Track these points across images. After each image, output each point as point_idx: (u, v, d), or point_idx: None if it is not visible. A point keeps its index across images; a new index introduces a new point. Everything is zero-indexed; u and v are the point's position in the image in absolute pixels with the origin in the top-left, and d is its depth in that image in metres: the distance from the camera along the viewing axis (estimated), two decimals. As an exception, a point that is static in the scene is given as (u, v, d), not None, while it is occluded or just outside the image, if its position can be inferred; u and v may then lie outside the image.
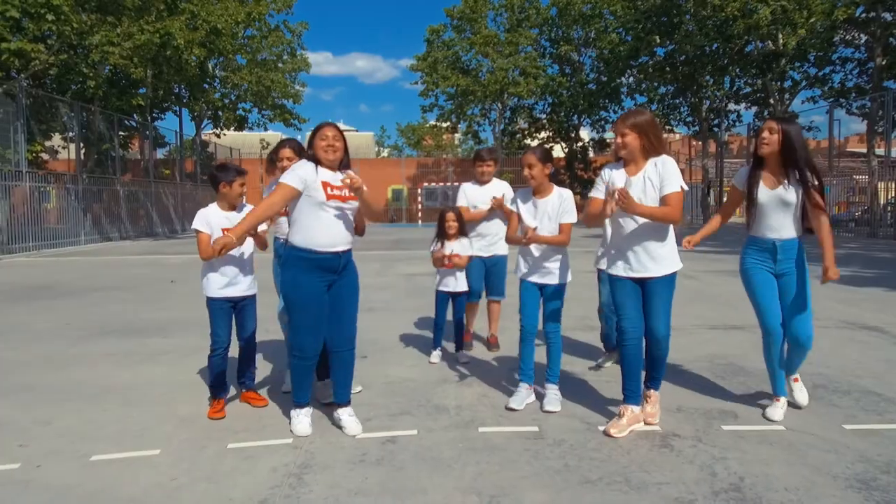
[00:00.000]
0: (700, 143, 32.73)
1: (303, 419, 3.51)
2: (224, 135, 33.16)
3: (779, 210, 3.54)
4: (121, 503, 2.73)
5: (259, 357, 4.55)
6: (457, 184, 35.25)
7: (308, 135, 3.58)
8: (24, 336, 6.21)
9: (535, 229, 3.75)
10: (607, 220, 3.57)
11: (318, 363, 3.94)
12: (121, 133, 24.02)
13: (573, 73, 36.44)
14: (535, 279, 3.87)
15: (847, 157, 31.08)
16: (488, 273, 5.25)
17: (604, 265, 4.51)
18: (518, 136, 38.08)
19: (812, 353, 5.10)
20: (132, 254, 16.61)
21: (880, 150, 21.86)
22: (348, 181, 3.34)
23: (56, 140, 23.04)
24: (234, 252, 3.70)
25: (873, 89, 21.73)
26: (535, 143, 38.73)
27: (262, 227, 3.75)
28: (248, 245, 3.88)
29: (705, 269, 11.10)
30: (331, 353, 3.57)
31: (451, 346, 5.17)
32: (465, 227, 4.93)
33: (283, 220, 3.99)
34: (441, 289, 4.97)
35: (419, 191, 36.90)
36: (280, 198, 3.34)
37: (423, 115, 38.55)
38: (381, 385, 4.41)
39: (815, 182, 3.49)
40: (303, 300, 3.39)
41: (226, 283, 3.82)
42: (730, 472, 2.93)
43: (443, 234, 4.87)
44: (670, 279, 3.48)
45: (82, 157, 21.61)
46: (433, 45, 36.09)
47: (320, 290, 3.41)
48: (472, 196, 5.18)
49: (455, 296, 4.96)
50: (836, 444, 3.26)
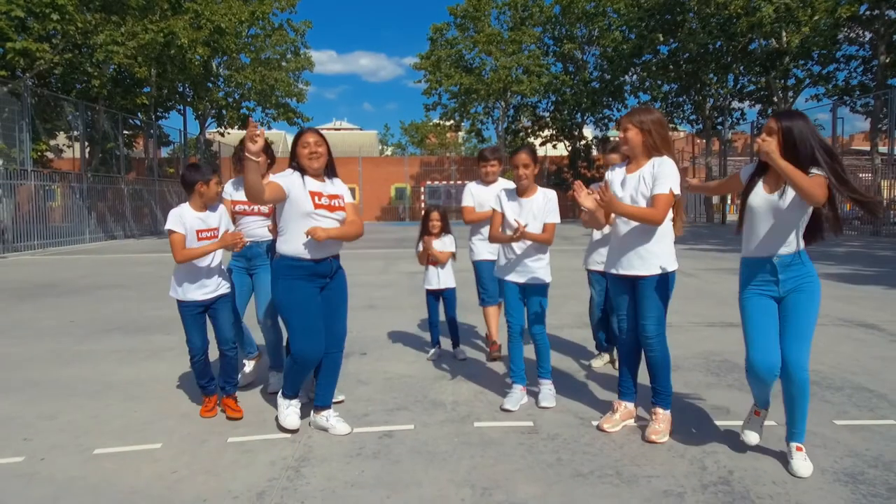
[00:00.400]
0: (703, 141, 32.69)
1: (291, 411, 3.48)
2: (228, 133, 33.29)
3: (773, 219, 2.99)
4: (123, 495, 2.79)
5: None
6: (460, 182, 35.36)
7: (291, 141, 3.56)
8: (30, 333, 6.30)
9: (526, 226, 3.75)
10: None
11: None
12: (125, 132, 24.15)
13: (576, 71, 36.40)
14: (516, 279, 3.88)
15: (852, 156, 31.01)
16: None
17: (592, 265, 4.56)
18: (521, 134, 38.04)
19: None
20: (136, 252, 16.70)
21: (884, 148, 21.81)
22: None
23: (61, 139, 23.18)
24: (205, 258, 3.69)
25: (877, 87, 21.69)
26: (538, 141, 38.71)
27: (231, 228, 3.86)
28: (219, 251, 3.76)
29: (706, 268, 11.12)
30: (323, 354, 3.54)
31: (449, 345, 5.22)
32: (449, 225, 5.00)
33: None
34: (426, 286, 5.03)
35: (422, 189, 36.98)
36: (270, 191, 3.29)
37: (426, 113, 38.58)
38: (379, 381, 4.46)
39: (834, 167, 2.87)
40: (300, 306, 3.37)
41: (196, 286, 3.72)
42: (719, 465, 2.99)
43: (426, 232, 4.94)
44: (662, 279, 3.35)
45: (87, 155, 21.72)
46: (436, 44, 36.08)
47: (312, 294, 3.41)
48: (479, 195, 5.14)
49: (441, 293, 5.01)
50: (826, 439, 3.30)
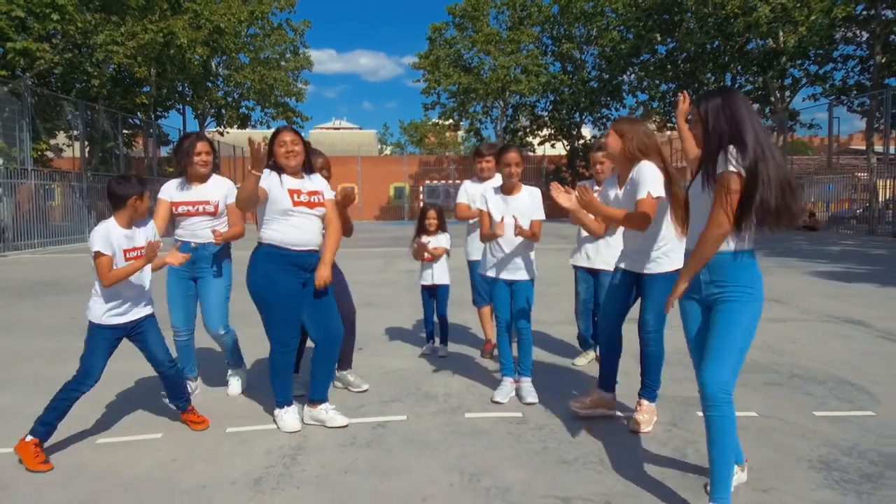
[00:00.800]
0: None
1: (290, 415, 3.52)
2: (227, 133, 33.41)
3: (700, 212, 2.58)
4: (127, 480, 2.91)
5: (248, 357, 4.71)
6: (458, 181, 35.42)
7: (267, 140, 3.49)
8: (31, 330, 6.40)
9: (521, 225, 3.85)
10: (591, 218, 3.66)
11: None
12: (125, 131, 24.28)
13: (575, 70, 36.50)
14: (504, 276, 3.96)
15: (851, 155, 31.15)
16: None
17: (579, 262, 4.65)
18: (520, 133, 38.17)
19: (792, 345, 5.31)
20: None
21: (880, 148, 21.95)
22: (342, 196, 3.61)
23: (61, 138, 23.29)
24: (134, 277, 3.29)
25: (873, 87, 21.81)
26: (536, 140, 38.81)
27: (157, 238, 3.50)
28: (148, 269, 3.45)
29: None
30: (317, 346, 3.60)
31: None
32: (445, 223, 5.11)
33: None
34: (421, 283, 5.15)
35: (421, 188, 37.10)
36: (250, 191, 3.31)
37: (425, 112, 38.68)
38: (375, 375, 4.57)
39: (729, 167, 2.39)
40: (279, 296, 3.38)
41: (120, 311, 3.29)
42: (700, 454, 3.09)
43: (423, 230, 5.05)
44: (669, 278, 3.30)
45: (87, 154, 21.83)
46: (435, 44, 36.20)
47: (293, 285, 3.42)
48: (473, 192, 5.16)
49: (435, 289, 5.12)
50: (804, 430, 3.42)
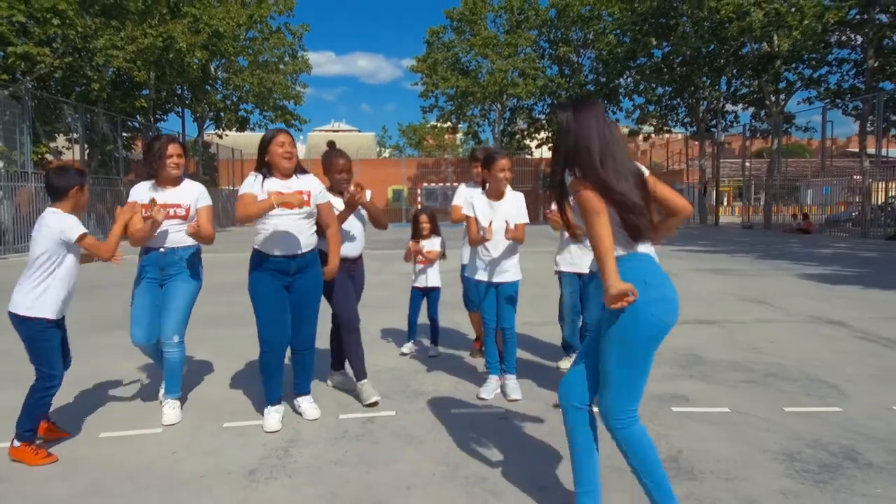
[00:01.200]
0: (698, 143, 33.01)
1: (274, 415, 3.65)
2: (226, 136, 33.60)
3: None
4: (129, 471, 3.08)
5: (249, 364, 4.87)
6: (456, 184, 35.57)
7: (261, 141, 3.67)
8: (34, 330, 6.54)
9: (513, 228, 4.01)
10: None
11: (332, 354, 4.40)
12: (124, 134, 24.41)
13: (572, 74, 36.73)
14: (491, 278, 4.10)
15: (848, 158, 31.41)
16: None
17: (563, 266, 4.81)
18: (518, 136, 38.38)
19: (770, 345, 5.48)
20: (134, 252, 16.90)
21: (873, 150, 22.15)
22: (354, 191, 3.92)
23: (61, 141, 23.41)
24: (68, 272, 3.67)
25: (867, 90, 22.02)
26: (534, 143, 39.00)
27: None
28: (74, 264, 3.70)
29: (688, 268, 11.43)
30: (292, 352, 3.83)
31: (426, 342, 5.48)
32: (438, 227, 5.29)
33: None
34: (415, 285, 5.32)
35: (419, 191, 37.28)
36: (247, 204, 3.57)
37: (423, 115, 38.90)
38: (368, 373, 4.71)
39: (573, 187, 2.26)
40: (262, 297, 3.63)
41: (64, 304, 3.54)
42: (670, 446, 3.27)
43: (417, 234, 5.24)
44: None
45: (86, 157, 21.99)
46: (433, 47, 36.42)
47: (276, 288, 3.64)
48: (469, 196, 5.34)
49: (428, 291, 5.30)
50: (773, 424, 3.59)
